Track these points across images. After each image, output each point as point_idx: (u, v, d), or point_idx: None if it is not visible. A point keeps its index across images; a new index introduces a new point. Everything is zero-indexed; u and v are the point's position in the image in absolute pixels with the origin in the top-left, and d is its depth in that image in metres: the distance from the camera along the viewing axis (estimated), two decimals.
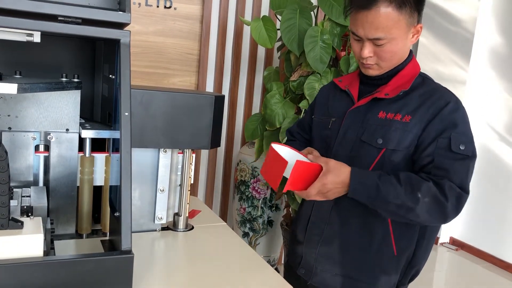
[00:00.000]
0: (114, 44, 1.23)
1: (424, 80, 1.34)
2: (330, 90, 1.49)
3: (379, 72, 1.31)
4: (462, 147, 1.21)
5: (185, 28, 2.91)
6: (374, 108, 1.31)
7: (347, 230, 1.35)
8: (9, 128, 1.27)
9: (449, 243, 4.07)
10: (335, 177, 1.20)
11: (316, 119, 1.48)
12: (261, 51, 3.08)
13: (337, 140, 1.36)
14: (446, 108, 1.24)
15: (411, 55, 1.35)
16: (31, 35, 1.09)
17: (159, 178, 1.43)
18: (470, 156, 1.22)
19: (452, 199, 1.18)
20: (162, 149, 1.42)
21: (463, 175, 1.21)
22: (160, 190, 1.44)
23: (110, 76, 1.32)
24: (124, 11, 1.12)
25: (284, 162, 1.16)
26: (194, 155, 1.49)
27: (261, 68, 3.09)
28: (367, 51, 1.26)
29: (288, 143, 1.54)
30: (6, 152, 0.99)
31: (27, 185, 1.29)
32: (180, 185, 1.49)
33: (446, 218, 1.21)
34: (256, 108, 3.14)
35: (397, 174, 1.22)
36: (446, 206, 1.18)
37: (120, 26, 1.17)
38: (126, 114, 1.10)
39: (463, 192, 1.20)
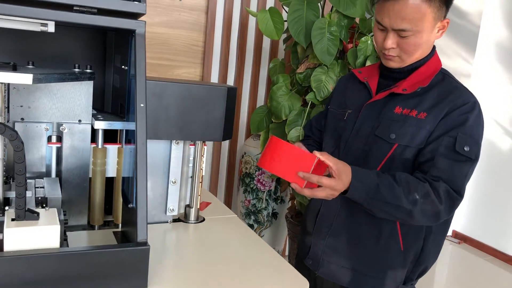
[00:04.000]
0: (126, 35, 1.21)
1: (444, 77, 1.31)
2: (348, 80, 1.48)
3: (399, 65, 1.29)
4: (466, 148, 1.19)
5: (190, 19, 2.89)
6: (391, 103, 1.30)
7: (356, 223, 1.34)
8: (22, 118, 1.26)
9: (451, 236, 4.08)
10: (346, 176, 1.16)
11: (332, 110, 1.47)
12: (266, 43, 3.05)
13: (352, 133, 1.35)
14: (461, 108, 1.22)
15: (434, 50, 1.32)
16: (45, 25, 1.08)
17: (171, 170, 1.42)
18: (472, 159, 1.20)
19: (446, 202, 1.18)
20: (174, 141, 1.41)
21: (460, 179, 1.19)
22: (172, 182, 1.43)
23: (123, 67, 1.31)
24: (139, 1, 1.11)
25: (312, 157, 1.13)
26: (205, 147, 1.49)
27: (266, 60, 3.08)
28: (391, 41, 1.23)
29: (304, 141, 1.54)
30: (22, 143, 0.99)
31: (40, 176, 1.29)
32: (191, 177, 1.48)
33: (437, 220, 1.21)
34: (261, 100, 3.13)
35: (394, 174, 1.20)
36: (440, 209, 1.18)
37: (135, 16, 1.16)
38: (142, 105, 1.09)
39: (458, 195, 1.19)
